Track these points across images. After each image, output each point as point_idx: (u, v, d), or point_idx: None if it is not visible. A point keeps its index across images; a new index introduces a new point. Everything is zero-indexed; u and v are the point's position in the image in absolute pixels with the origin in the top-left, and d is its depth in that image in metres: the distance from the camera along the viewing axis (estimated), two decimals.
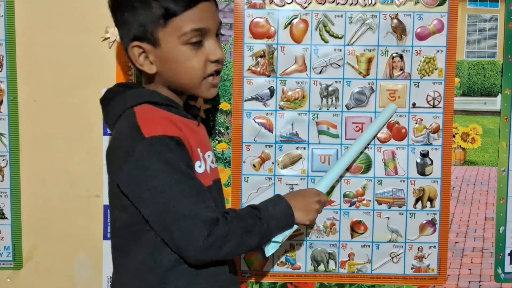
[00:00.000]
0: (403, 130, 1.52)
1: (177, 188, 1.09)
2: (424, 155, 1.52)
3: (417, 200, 1.53)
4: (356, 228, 1.54)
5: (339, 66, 1.50)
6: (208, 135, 1.36)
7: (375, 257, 1.54)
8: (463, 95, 1.53)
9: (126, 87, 1.26)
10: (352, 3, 1.48)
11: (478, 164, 1.54)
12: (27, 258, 1.56)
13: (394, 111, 1.50)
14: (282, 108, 1.51)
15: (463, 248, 1.55)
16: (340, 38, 1.49)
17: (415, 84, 1.51)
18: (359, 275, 1.55)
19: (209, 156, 1.23)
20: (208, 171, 1.21)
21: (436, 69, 1.50)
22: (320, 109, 1.51)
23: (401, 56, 1.50)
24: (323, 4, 1.48)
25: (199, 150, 1.19)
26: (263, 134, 1.52)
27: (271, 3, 1.49)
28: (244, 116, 1.51)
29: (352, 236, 1.54)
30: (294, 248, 1.55)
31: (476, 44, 1.53)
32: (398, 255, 1.54)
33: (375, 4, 1.49)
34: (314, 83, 1.50)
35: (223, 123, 1.52)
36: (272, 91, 1.51)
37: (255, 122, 1.51)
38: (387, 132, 1.52)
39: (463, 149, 1.53)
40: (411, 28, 1.49)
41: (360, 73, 1.50)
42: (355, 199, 1.53)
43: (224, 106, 1.52)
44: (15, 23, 1.49)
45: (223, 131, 1.52)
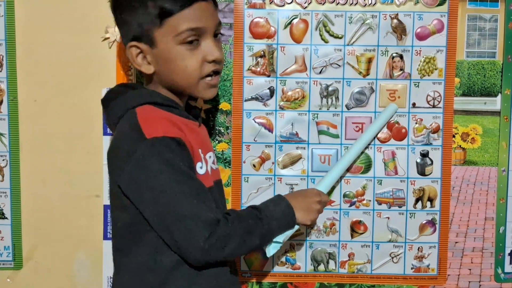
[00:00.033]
0: (403, 130, 1.52)
1: (178, 188, 1.09)
2: (424, 155, 1.52)
3: (417, 200, 1.53)
4: (356, 228, 1.54)
5: (339, 66, 1.50)
6: (209, 135, 1.36)
7: (375, 257, 1.54)
8: (463, 95, 1.53)
9: (128, 87, 1.26)
10: (352, 3, 1.49)
11: (478, 164, 1.54)
12: (27, 258, 1.56)
13: (394, 111, 1.50)
14: (282, 108, 1.51)
15: (463, 248, 1.55)
16: (340, 38, 1.50)
17: (415, 84, 1.51)
18: (359, 275, 1.55)
19: (210, 157, 1.23)
20: (209, 172, 1.21)
21: (436, 69, 1.50)
22: (320, 109, 1.51)
23: (401, 56, 1.50)
24: (323, 4, 1.49)
25: (200, 151, 1.19)
26: (263, 134, 1.52)
27: (271, 3, 1.49)
28: (244, 116, 1.51)
29: (352, 236, 1.54)
30: (294, 248, 1.55)
31: (476, 44, 1.53)
32: (398, 255, 1.54)
33: (375, 4, 1.49)
34: (314, 83, 1.50)
35: (223, 123, 1.52)
36: (272, 91, 1.51)
37: (255, 122, 1.51)
38: (387, 132, 1.52)
39: (463, 149, 1.53)
40: (411, 28, 1.49)
41: (360, 73, 1.50)
42: (355, 199, 1.53)
43: (224, 106, 1.52)
44: (15, 23, 1.49)
45: (223, 131, 1.52)
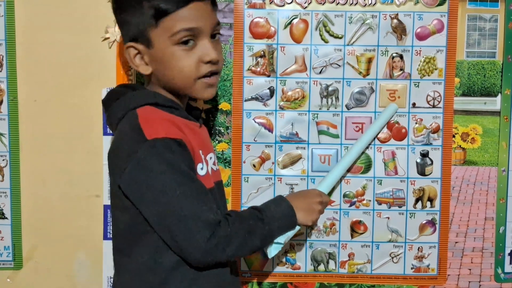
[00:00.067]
0: (403, 130, 1.52)
1: (179, 189, 1.09)
2: (424, 155, 1.52)
3: (417, 200, 1.53)
4: (356, 228, 1.54)
5: (339, 66, 1.50)
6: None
7: (375, 257, 1.54)
8: (463, 95, 1.53)
9: (128, 88, 1.26)
10: (352, 3, 1.48)
11: (478, 164, 1.54)
12: (27, 258, 1.56)
13: (395, 111, 1.50)
14: (282, 108, 1.51)
15: (463, 248, 1.55)
16: (340, 38, 1.49)
17: (415, 84, 1.51)
18: (359, 275, 1.55)
19: (210, 158, 1.23)
20: (210, 173, 1.21)
21: (436, 69, 1.50)
22: (320, 109, 1.51)
23: (401, 56, 1.50)
24: (323, 4, 1.48)
25: (200, 152, 1.19)
26: (263, 134, 1.52)
27: (271, 3, 1.48)
28: (244, 116, 1.51)
29: (352, 236, 1.54)
30: (294, 248, 1.55)
31: (476, 44, 1.53)
32: (398, 255, 1.54)
33: (375, 4, 1.49)
34: (314, 83, 1.50)
35: (223, 123, 1.52)
36: (272, 91, 1.51)
37: (255, 122, 1.51)
38: (387, 132, 1.52)
39: (463, 149, 1.54)
40: (411, 28, 1.49)
41: (360, 73, 1.50)
42: (355, 199, 1.53)
43: (224, 106, 1.52)
44: (15, 23, 1.49)
45: (223, 131, 1.52)
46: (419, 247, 1.54)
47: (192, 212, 1.09)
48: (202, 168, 1.18)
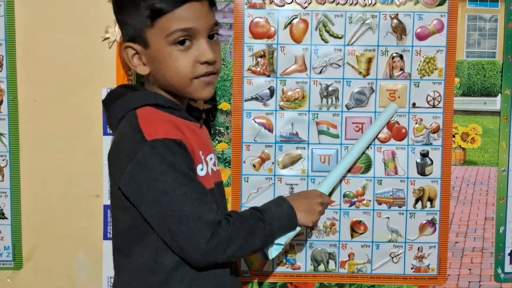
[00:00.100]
0: (403, 130, 1.52)
1: (179, 190, 1.09)
2: (424, 155, 1.52)
3: (417, 200, 1.53)
4: (356, 228, 1.54)
5: (339, 66, 1.50)
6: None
7: (375, 257, 1.54)
8: (463, 95, 1.53)
9: (128, 88, 1.26)
10: (352, 3, 1.48)
11: (478, 164, 1.54)
12: (27, 258, 1.56)
13: (395, 111, 1.50)
14: (282, 108, 1.51)
15: (463, 248, 1.55)
16: (340, 38, 1.49)
17: (415, 84, 1.51)
18: (359, 275, 1.55)
19: (211, 158, 1.23)
20: (210, 173, 1.21)
21: (436, 69, 1.50)
22: (320, 109, 1.51)
23: (401, 56, 1.50)
24: (323, 4, 1.48)
25: (200, 153, 1.19)
26: (263, 134, 1.52)
27: (271, 3, 1.48)
28: (244, 116, 1.51)
29: (352, 236, 1.54)
30: (294, 248, 1.55)
31: (476, 44, 1.53)
32: (398, 255, 1.54)
33: (375, 4, 1.49)
34: (314, 83, 1.50)
35: (223, 123, 1.52)
36: (272, 91, 1.51)
37: (255, 122, 1.51)
38: (387, 132, 1.52)
39: (463, 149, 1.54)
40: (411, 28, 1.49)
41: (360, 73, 1.50)
42: (355, 199, 1.53)
43: (224, 106, 1.52)
44: (15, 23, 1.49)
45: (223, 131, 1.52)
46: (419, 247, 1.54)
47: (193, 212, 1.09)
48: (202, 169, 1.18)
